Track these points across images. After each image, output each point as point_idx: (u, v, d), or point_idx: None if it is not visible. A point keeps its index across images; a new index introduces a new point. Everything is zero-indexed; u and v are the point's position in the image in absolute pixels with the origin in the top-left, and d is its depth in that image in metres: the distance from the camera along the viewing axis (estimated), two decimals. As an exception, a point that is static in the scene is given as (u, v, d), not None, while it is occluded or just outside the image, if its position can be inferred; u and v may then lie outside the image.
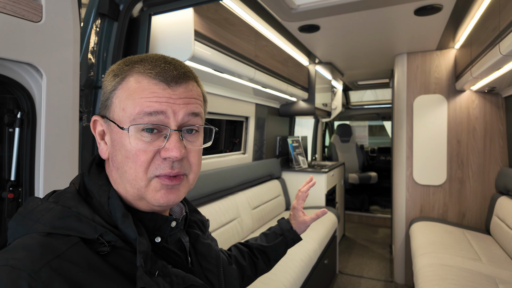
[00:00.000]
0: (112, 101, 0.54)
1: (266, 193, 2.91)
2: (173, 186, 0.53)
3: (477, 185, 2.74)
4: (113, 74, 0.55)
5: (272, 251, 0.92)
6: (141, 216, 0.55)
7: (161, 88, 0.52)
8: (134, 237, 0.50)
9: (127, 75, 0.53)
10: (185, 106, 0.53)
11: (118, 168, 0.53)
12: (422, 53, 2.91)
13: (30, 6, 0.87)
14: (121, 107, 0.52)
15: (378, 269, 3.24)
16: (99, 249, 0.47)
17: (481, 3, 1.81)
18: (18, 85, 0.92)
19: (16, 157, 0.95)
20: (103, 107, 0.56)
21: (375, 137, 6.88)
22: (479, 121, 2.72)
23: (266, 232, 0.98)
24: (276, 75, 2.45)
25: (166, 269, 0.53)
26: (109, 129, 0.55)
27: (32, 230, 0.47)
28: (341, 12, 1.73)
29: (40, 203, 0.51)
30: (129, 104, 0.51)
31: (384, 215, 4.79)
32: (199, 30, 1.47)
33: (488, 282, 1.70)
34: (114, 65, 0.57)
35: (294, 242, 0.95)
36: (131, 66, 0.54)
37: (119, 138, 0.53)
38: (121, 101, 0.52)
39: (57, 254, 0.43)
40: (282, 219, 0.99)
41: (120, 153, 0.53)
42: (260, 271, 0.93)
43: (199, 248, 0.67)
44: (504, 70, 1.79)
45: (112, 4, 1.25)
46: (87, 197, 0.54)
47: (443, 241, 2.28)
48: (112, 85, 0.54)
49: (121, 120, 0.52)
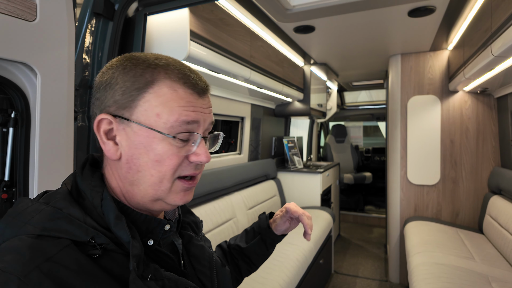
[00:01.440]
0: (139, 103, 0.52)
1: (262, 193, 2.92)
2: (190, 188, 0.57)
3: (470, 184, 2.77)
4: (138, 74, 0.52)
5: (251, 252, 0.87)
6: (134, 218, 0.55)
7: (195, 98, 0.55)
8: (127, 240, 0.49)
9: (157, 80, 0.52)
10: (209, 116, 0.58)
11: (139, 170, 0.53)
12: (416, 54, 2.95)
13: (25, 5, 0.87)
14: (154, 112, 0.52)
15: (373, 269, 3.26)
16: (90, 251, 0.47)
17: (473, 5, 1.84)
18: (12, 84, 0.91)
19: (10, 157, 0.94)
20: (119, 106, 0.53)
21: (369, 138, 6.93)
22: (472, 122, 2.75)
23: (247, 229, 0.91)
24: (272, 75, 2.46)
25: (159, 273, 0.52)
26: (125, 130, 0.53)
27: (21, 231, 0.45)
28: (336, 13, 1.75)
29: (31, 204, 0.49)
30: (165, 111, 0.52)
31: (379, 215, 4.83)
32: (195, 30, 1.47)
33: (481, 280, 1.72)
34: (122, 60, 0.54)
35: (274, 241, 0.88)
36: (157, 69, 0.53)
37: (146, 141, 0.52)
38: (155, 106, 0.52)
39: (47, 257, 0.42)
40: (263, 213, 0.90)
41: (146, 156, 0.52)
42: (245, 272, 0.89)
43: (192, 250, 0.66)
44: (496, 71, 1.82)
45: (107, 4, 1.24)
46: (79, 198, 0.53)
47: (437, 240, 2.30)
48: (136, 85, 0.52)
49: (154, 125, 0.52)
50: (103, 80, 0.54)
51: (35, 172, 0.94)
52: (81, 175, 0.55)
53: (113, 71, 0.54)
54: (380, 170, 5.81)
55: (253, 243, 0.87)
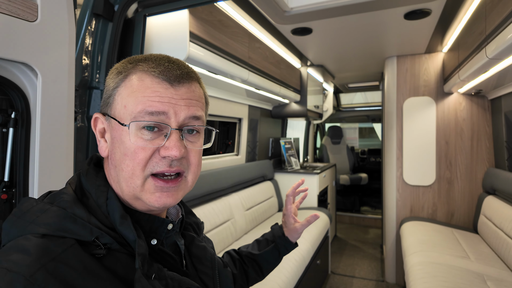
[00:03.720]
0: (114, 98, 0.53)
1: (259, 194, 2.92)
2: (168, 188, 0.53)
3: (465, 185, 2.81)
4: (117, 72, 0.55)
5: (263, 260, 0.89)
6: (138, 218, 0.55)
7: (164, 87, 0.51)
8: (133, 239, 0.49)
9: (130, 73, 0.53)
10: (186, 108, 0.53)
11: (116, 166, 0.53)
12: (412, 56, 2.98)
13: (26, 5, 0.87)
14: (122, 104, 0.52)
15: (370, 269, 3.28)
16: (95, 251, 0.47)
17: (468, 8, 1.87)
18: (13, 84, 0.91)
19: (10, 158, 0.94)
20: (105, 104, 0.55)
21: (365, 139, 6.97)
22: (467, 123, 2.79)
23: (259, 239, 0.93)
24: (269, 77, 2.47)
25: (162, 272, 0.52)
26: (109, 127, 0.55)
27: (27, 231, 0.46)
28: (333, 15, 1.76)
29: (35, 204, 0.49)
30: (130, 101, 0.51)
31: (375, 215, 4.86)
32: (194, 31, 1.48)
33: (476, 279, 1.74)
34: (118, 63, 0.56)
35: (287, 249, 0.90)
36: (135, 64, 0.54)
37: (119, 135, 0.52)
38: (123, 98, 0.52)
39: (52, 256, 0.43)
40: (276, 225, 0.94)
41: (119, 150, 0.52)
42: (252, 280, 0.89)
43: (194, 251, 0.66)
44: (490, 73, 1.85)
45: (107, 5, 1.24)
46: (83, 197, 0.53)
47: (432, 240, 2.32)
48: (115, 82, 0.54)
49: (122, 117, 0.52)
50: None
51: (35, 172, 0.94)
52: (86, 175, 0.55)
53: (110, 72, 0.56)
54: (376, 171, 5.85)
55: (266, 251, 0.88)
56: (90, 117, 1.25)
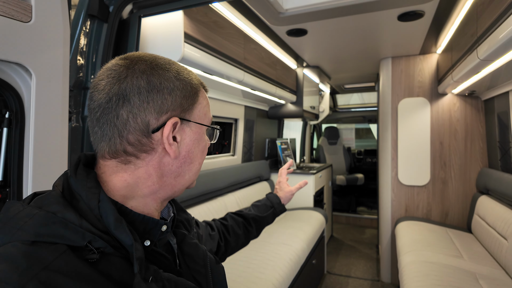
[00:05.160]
0: (195, 106, 0.61)
1: (255, 195, 2.93)
2: None
3: (459, 185, 2.83)
4: (183, 79, 0.59)
5: (264, 221, 1.08)
6: (132, 219, 0.54)
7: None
8: (130, 243, 0.48)
9: (199, 89, 0.63)
10: None
11: (192, 161, 0.61)
12: (406, 58, 3.01)
13: (20, 6, 0.87)
14: (203, 113, 0.63)
15: (365, 269, 3.30)
16: (88, 256, 0.45)
17: (460, 10, 1.90)
18: (7, 85, 0.92)
19: (3, 158, 0.94)
20: (183, 109, 0.58)
21: (361, 140, 7.01)
22: (460, 123, 2.82)
23: (257, 204, 1.10)
24: (265, 77, 2.48)
25: (158, 274, 0.51)
26: (184, 130, 0.59)
27: (14, 238, 0.43)
28: (328, 16, 1.78)
29: (22, 208, 0.47)
30: (207, 111, 0.65)
31: (371, 216, 4.88)
32: (189, 32, 1.49)
33: (469, 278, 1.76)
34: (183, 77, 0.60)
35: (281, 212, 1.12)
36: (195, 80, 0.63)
37: (199, 135, 0.61)
38: (203, 108, 0.63)
39: (44, 265, 0.41)
40: (270, 193, 1.13)
41: (198, 148, 0.61)
42: (252, 238, 1.07)
43: (186, 249, 0.66)
44: (482, 74, 1.87)
45: (101, 6, 1.25)
46: (72, 200, 0.51)
47: (426, 240, 2.34)
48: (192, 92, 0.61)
49: (205, 122, 0.64)
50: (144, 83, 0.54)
51: (29, 172, 0.95)
52: (75, 176, 0.52)
53: (149, 75, 0.54)
54: (372, 171, 5.88)
55: (268, 214, 1.08)
56: (85, 117, 1.25)
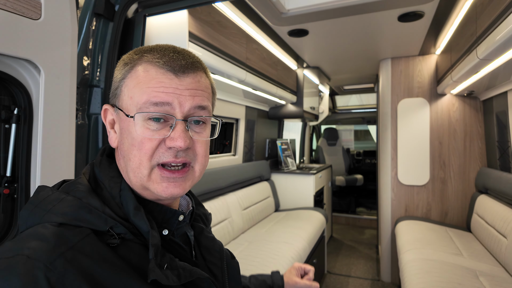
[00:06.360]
0: (121, 89, 0.54)
1: (256, 194, 2.95)
2: (175, 179, 0.53)
3: (458, 184, 2.86)
4: (123, 63, 0.55)
5: None
6: (150, 209, 0.55)
7: (168, 78, 0.52)
8: (146, 230, 0.50)
9: (136, 64, 0.53)
10: (191, 98, 0.53)
11: (124, 156, 0.54)
12: (406, 58, 3.04)
13: (30, 3, 0.89)
14: (129, 96, 0.53)
15: (365, 269, 3.31)
16: (109, 241, 0.48)
17: (459, 10, 1.92)
18: (16, 81, 0.93)
19: (12, 153, 0.96)
20: (113, 96, 0.57)
21: (360, 141, 7.04)
22: (459, 123, 2.85)
23: (257, 277, 0.94)
24: (266, 77, 2.50)
25: (174, 262, 0.53)
26: (118, 118, 0.56)
27: (44, 219, 0.47)
28: (329, 17, 1.81)
29: (51, 192, 0.51)
30: (136, 92, 0.52)
31: (370, 216, 4.90)
32: (193, 31, 1.51)
33: (469, 275, 1.78)
34: (126, 55, 0.57)
35: None
36: (141, 55, 0.54)
37: (126, 126, 0.53)
38: (129, 89, 0.53)
39: (70, 245, 0.44)
40: (277, 273, 0.95)
41: (126, 141, 0.53)
42: None
43: (203, 242, 0.67)
44: (481, 74, 1.90)
45: (107, 5, 1.27)
46: (97, 188, 0.54)
47: (426, 238, 2.36)
48: (122, 74, 0.55)
49: (129, 109, 0.53)
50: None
51: (37, 167, 0.96)
52: (99, 166, 0.56)
53: (117, 64, 0.58)
54: (371, 172, 5.91)
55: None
56: (90, 114, 1.27)
